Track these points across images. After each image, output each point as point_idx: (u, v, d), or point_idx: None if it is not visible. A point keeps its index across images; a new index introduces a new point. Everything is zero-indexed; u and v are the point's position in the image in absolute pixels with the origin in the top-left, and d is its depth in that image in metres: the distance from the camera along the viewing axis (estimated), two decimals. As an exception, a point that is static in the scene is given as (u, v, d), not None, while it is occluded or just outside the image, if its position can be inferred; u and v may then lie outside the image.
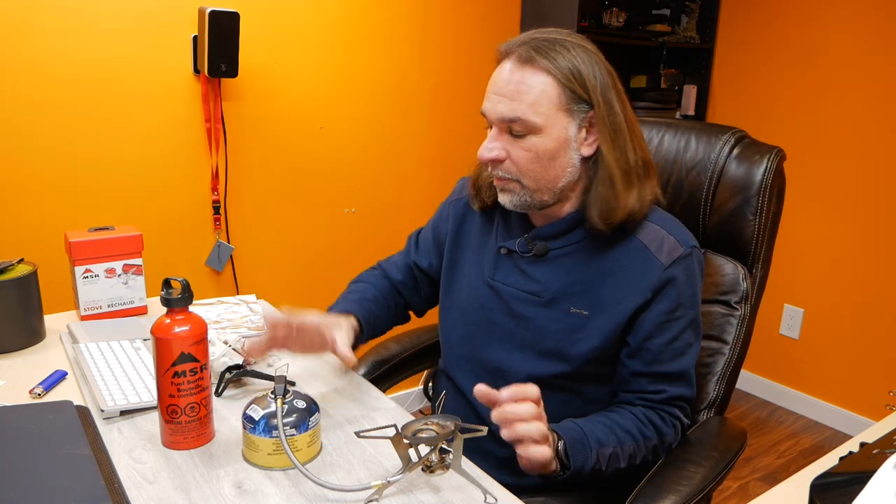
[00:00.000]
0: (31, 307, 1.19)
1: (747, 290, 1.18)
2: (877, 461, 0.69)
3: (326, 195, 2.27)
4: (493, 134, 0.98)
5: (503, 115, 0.96)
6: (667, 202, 1.24)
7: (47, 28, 1.70)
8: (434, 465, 0.85)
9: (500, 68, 0.98)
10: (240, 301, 1.43)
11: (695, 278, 1.02)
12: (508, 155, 0.98)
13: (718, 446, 1.06)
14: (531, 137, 0.96)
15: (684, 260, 1.00)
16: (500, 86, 0.96)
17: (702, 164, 1.22)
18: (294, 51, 2.09)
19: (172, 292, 0.86)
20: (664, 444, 1.01)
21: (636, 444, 0.98)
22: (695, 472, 0.98)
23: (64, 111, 1.76)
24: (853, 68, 2.46)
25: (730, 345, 1.18)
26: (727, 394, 1.19)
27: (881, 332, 2.49)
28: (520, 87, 0.94)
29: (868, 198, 2.47)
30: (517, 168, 0.98)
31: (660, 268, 0.98)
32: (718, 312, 1.20)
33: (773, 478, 2.30)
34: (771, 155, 1.17)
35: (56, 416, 0.89)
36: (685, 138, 1.25)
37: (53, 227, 1.79)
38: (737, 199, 1.18)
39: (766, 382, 2.86)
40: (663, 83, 2.97)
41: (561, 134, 0.96)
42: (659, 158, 1.27)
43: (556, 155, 0.97)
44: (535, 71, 0.95)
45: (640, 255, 1.00)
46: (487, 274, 1.10)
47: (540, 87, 0.94)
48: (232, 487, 0.81)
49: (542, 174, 0.98)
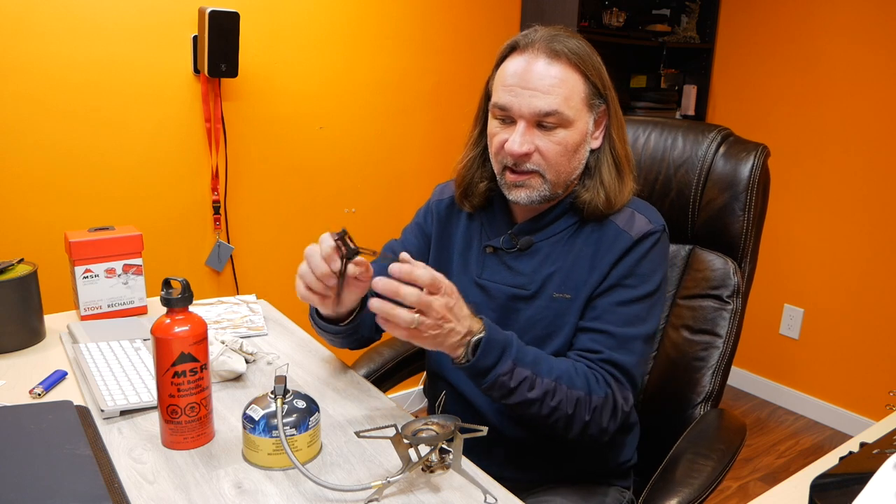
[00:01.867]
0: (31, 307, 1.19)
1: (738, 284, 1.21)
2: (877, 461, 0.69)
3: (326, 195, 2.27)
4: (522, 127, 0.98)
5: (539, 109, 0.96)
6: (656, 200, 1.27)
7: (47, 28, 1.70)
8: (434, 465, 0.85)
9: (520, 61, 0.99)
10: (240, 301, 1.43)
11: (657, 257, 1.03)
12: (537, 148, 0.99)
13: (723, 438, 1.08)
14: (560, 131, 0.98)
15: (651, 236, 1.02)
16: (529, 79, 0.97)
17: (689, 162, 1.25)
18: (294, 51, 2.09)
19: (172, 292, 0.86)
20: (590, 403, 0.95)
21: (557, 384, 0.93)
22: (704, 465, 0.99)
23: (64, 111, 1.76)
24: (853, 68, 2.46)
25: (723, 338, 1.20)
26: (721, 387, 1.21)
27: (881, 332, 2.49)
28: (552, 80, 0.96)
29: (868, 198, 2.47)
30: (545, 161, 0.99)
31: (629, 240, 1.01)
32: (710, 307, 1.22)
33: (773, 478, 2.30)
34: (757, 152, 1.20)
35: (56, 416, 0.89)
36: (672, 136, 1.28)
37: (53, 227, 1.79)
38: (725, 195, 1.21)
39: (766, 382, 2.86)
40: (663, 83, 2.97)
41: (584, 128, 1.00)
42: (646, 157, 1.31)
43: (578, 148, 1.01)
44: (567, 66, 0.97)
45: (613, 233, 1.03)
46: (475, 274, 1.10)
47: (573, 82, 0.98)
48: (232, 487, 0.81)
49: (566, 167, 1.01)
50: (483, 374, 0.91)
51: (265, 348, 1.23)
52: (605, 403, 0.96)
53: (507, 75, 0.99)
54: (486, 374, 0.91)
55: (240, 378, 1.11)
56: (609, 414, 0.97)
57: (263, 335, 1.29)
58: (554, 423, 0.95)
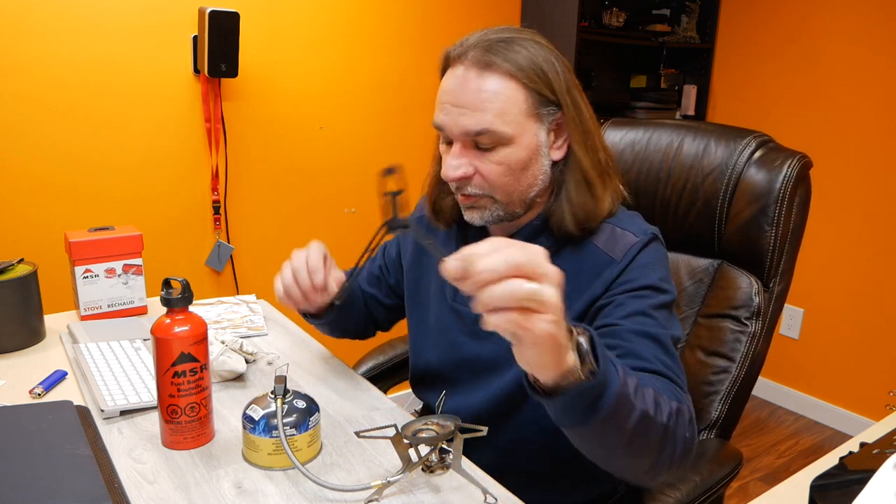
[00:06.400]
0: (31, 307, 1.19)
1: (760, 305, 1.10)
2: (877, 461, 0.69)
3: (326, 195, 2.27)
4: (457, 150, 0.89)
5: (467, 129, 0.87)
6: (682, 210, 1.18)
7: (47, 28, 1.70)
8: (434, 465, 0.85)
9: (452, 75, 0.89)
10: (240, 301, 1.43)
11: (655, 263, 0.91)
12: (477, 170, 0.89)
13: (702, 470, 0.99)
14: (501, 149, 0.88)
15: (639, 247, 0.91)
16: (459, 95, 0.87)
17: (719, 170, 1.14)
18: (294, 51, 2.09)
19: (172, 292, 0.86)
20: (687, 408, 0.77)
21: (653, 389, 0.73)
22: (668, 496, 0.92)
23: (64, 111, 1.76)
24: (853, 68, 2.46)
25: (736, 363, 1.10)
26: (732, 415, 1.11)
27: (881, 332, 2.49)
28: (482, 95, 0.85)
29: (868, 198, 2.47)
30: (488, 183, 0.90)
31: (613, 263, 0.91)
32: (728, 328, 1.12)
33: (773, 478, 2.30)
34: (792, 161, 1.09)
35: (56, 416, 0.89)
36: (704, 142, 1.17)
37: (53, 227, 1.79)
38: (753, 207, 1.10)
39: (766, 382, 2.86)
40: (663, 83, 2.97)
41: (532, 141, 0.89)
42: (676, 164, 1.20)
43: (529, 164, 0.90)
44: (498, 76, 0.86)
45: (594, 256, 0.92)
46: (450, 297, 1.03)
47: (506, 94, 0.86)
48: (232, 487, 0.81)
49: (515, 186, 0.91)
50: (600, 395, 0.65)
51: (265, 348, 1.23)
52: (685, 412, 0.77)
53: (441, 92, 0.90)
54: (603, 391, 0.65)
55: (240, 378, 1.11)
56: (689, 425, 0.77)
57: (263, 335, 1.29)
58: (657, 449, 0.72)
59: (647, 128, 1.26)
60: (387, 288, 1.21)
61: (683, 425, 0.75)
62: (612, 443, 0.70)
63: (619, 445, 0.70)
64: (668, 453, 0.74)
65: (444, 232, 1.07)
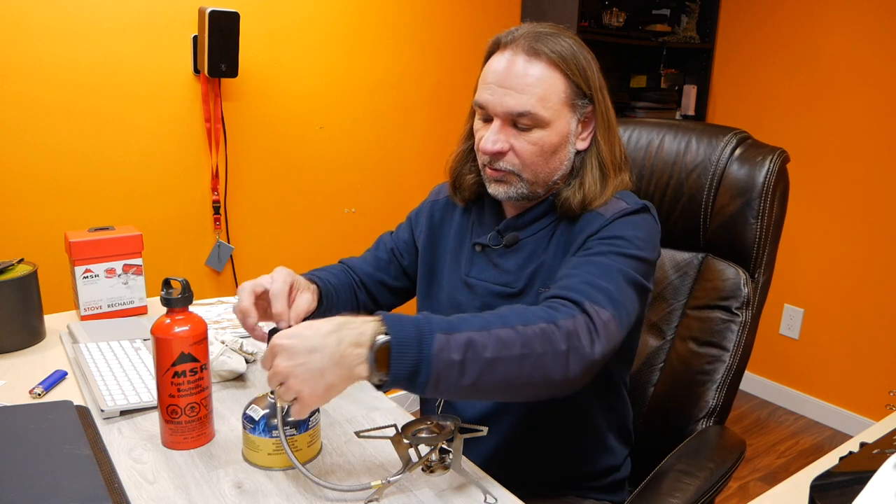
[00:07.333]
0: (31, 307, 1.19)
1: (748, 295, 1.16)
2: (877, 461, 0.69)
3: (326, 195, 2.27)
4: (496, 126, 0.97)
5: (511, 109, 0.94)
6: (667, 205, 1.24)
7: (47, 28, 1.70)
8: (434, 465, 0.85)
9: (501, 59, 0.96)
10: (240, 301, 1.42)
11: (638, 226, 0.96)
12: (512, 147, 0.97)
13: (715, 456, 1.03)
14: (537, 131, 0.96)
15: (628, 212, 0.97)
16: (506, 77, 0.94)
17: (702, 166, 1.20)
18: (294, 51, 2.09)
19: (172, 292, 0.86)
20: (559, 328, 0.78)
21: (506, 326, 0.77)
22: (689, 483, 0.95)
23: (64, 111, 1.76)
24: (853, 68, 2.46)
25: (730, 352, 1.15)
26: (728, 402, 1.16)
27: (881, 332, 2.49)
28: (528, 80, 0.94)
29: (868, 198, 2.47)
30: (520, 161, 0.97)
31: (601, 219, 0.97)
32: (718, 318, 1.17)
33: (773, 478, 2.30)
34: (773, 156, 1.15)
35: (56, 416, 0.89)
36: (685, 139, 1.23)
37: (53, 227, 1.79)
38: (738, 201, 1.16)
39: (766, 382, 2.86)
40: (663, 83, 2.97)
41: (564, 128, 0.97)
42: (658, 161, 1.25)
43: (558, 149, 0.98)
44: (545, 65, 0.94)
45: (589, 219, 0.98)
46: (463, 272, 1.09)
47: (549, 82, 0.94)
48: (232, 487, 0.81)
49: (543, 167, 0.98)
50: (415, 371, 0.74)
51: (265, 348, 1.23)
52: (577, 324, 0.80)
53: (488, 73, 0.97)
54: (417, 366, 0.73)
55: (240, 378, 1.11)
56: (587, 335, 0.80)
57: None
58: (530, 378, 0.77)
59: (625, 126, 1.31)
60: (397, 270, 1.22)
61: (558, 340, 0.78)
62: (483, 390, 0.77)
63: (491, 390, 0.78)
64: (554, 370, 0.78)
65: (460, 208, 1.14)
